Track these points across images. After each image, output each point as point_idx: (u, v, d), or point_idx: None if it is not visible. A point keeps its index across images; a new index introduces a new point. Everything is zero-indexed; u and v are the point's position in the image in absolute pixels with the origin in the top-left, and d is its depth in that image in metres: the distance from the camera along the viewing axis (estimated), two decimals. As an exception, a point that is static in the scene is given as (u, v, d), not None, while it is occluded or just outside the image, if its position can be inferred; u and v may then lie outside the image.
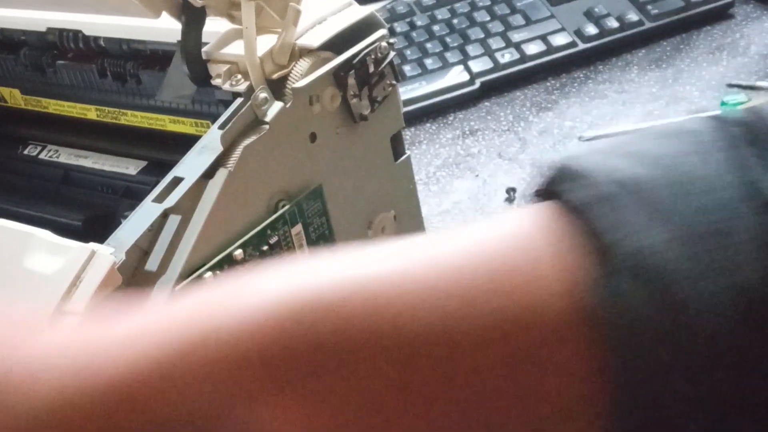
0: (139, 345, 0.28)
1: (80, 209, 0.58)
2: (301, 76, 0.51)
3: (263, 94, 0.49)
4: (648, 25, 0.99)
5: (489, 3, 1.04)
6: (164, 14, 0.51)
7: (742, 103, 0.84)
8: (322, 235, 0.52)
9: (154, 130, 0.59)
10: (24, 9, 0.62)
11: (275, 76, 0.50)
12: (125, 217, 0.47)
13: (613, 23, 0.99)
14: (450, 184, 0.86)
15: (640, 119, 0.89)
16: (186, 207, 0.46)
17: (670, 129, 0.30)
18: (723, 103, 0.85)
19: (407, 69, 0.98)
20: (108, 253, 0.42)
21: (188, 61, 0.52)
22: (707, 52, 0.97)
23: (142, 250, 0.45)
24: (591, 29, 0.99)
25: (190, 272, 0.45)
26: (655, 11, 1.00)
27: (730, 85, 0.91)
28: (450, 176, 0.87)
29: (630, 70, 0.97)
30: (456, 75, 0.97)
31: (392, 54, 0.54)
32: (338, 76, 0.52)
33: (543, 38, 0.99)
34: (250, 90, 0.49)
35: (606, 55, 0.99)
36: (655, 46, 0.99)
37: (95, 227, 0.56)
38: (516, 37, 1.00)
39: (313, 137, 0.52)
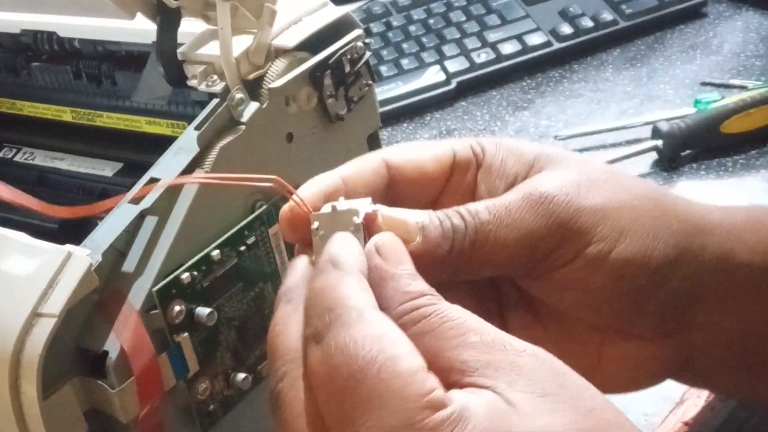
0: None
1: (56, 211, 0.58)
2: (277, 76, 0.51)
3: (239, 95, 0.49)
4: (622, 24, 1.00)
5: (465, 3, 1.04)
6: (139, 15, 0.51)
7: (715, 101, 0.85)
8: (299, 235, 0.52)
9: (130, 131, 0.59)
10: (-3, 11, 0.62)
11: (251, 76, 0.50)
12: (101, 218, 0.47)
13: (587, 23, 1.00)
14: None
15: (615, 118, 0.90)
16: (163, 208, 0.46)
17: None
18: (697, 102, 0.86)
19: (384, 69, 0.98)
20: (84, 255, 0.42)
21: (164, 62, 0.52)
22: (681, 51, 0.97)
23: (118, 251, 0.44)
24: (566, 29, 1.00)
25: (167, 273, 0.45)
26: (630, 11, 1.00)
27: (704, 84, 0.92)
28: (427, 176, 0.87)
29: (605, 69, 0.97)
30: (432, 75, 0.98)
31: (368, 54, 0.54)
32: (314, 76, 0.52)
33: (518, 38, 1.00)
34: (226, 90, 0.49)
35: (581, 55, 1.00)
36: (629, 45, 1.00)
37: (71, 229, 0.56)
38: (492, 36, 1.00)
39: (289, 137, 0.52)
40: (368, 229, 0.34)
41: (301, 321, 0.33)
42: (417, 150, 0.39)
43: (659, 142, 0.82)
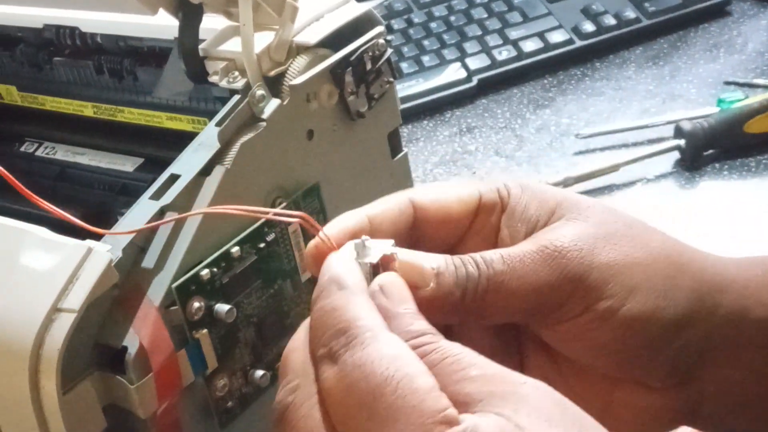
0: None
1: (77, 206, 0.58)
2: (299, 73, 0.51)
3: (260, 91, 0.49)
4: (645, 22, 1.00)
5: (486, 0, 1.04)
6: (161, 11, 0.51)
7: (739, 100, 0.84)
8: (319, 233, 0.52)
9: (150, 127, 0.59)
10: (21, 5, 0.62)
11: (272, 73, 0.50)
12: (122, 214, 0.47)
13: (610, 20, 0.99)
14: (447, 181, 0.85)
15: (637, 117, 0.89)
16: (183, 204, 0.46)
17: None
18: (720, 101, 0.86)
19: (404, 66, 0.98)
20: (104, 251, 0.42)
21: (185, 58, 0.52)
22: (704, 50, 0.97)
23: (138, 247, 0.44)
24: (588, 26, 0.99)
25: (187, 270, 0.45)
26: (653, 8, 1.00)
27: (727, 83, 0.91)
28: (447, 173, 0.87)
29: (627, 67, 0.97)
30: (453, 72, 0.97)
31: (389, 51, 0.54)
32: (335, 73, 0.52)
33: (540, 35, 0.99)
34: (247, 87, 0.49)
35: (603, 53, 0.99)
36: (652, 43, 0.99)
37: (92, 224, 0.56)
38: (513, 34, 1.00)
39: (310, 134, 0.52)
40: (385, 269, 0.36)
41: None
42: (443, 191, 0.40)
43: (681, 142, 0.81)
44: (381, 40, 0.54)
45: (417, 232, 0.39)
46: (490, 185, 0.40)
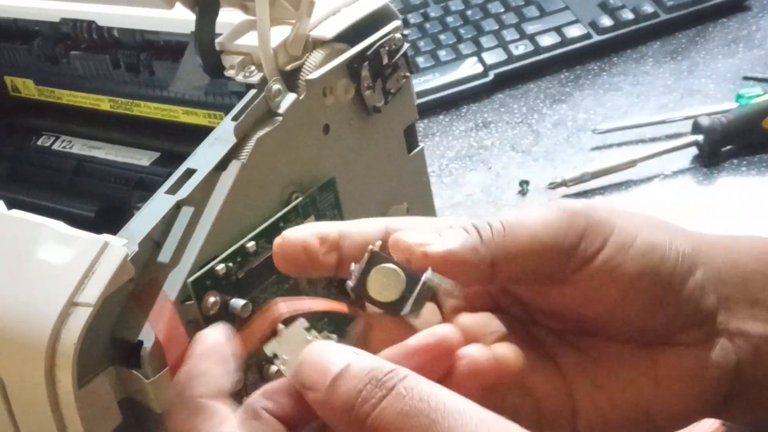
0: None
1: (93, 200, 0.58)
2: (315, 67, 0.50)
3: (277, 86, 0.49)
4: (663, 16, 0.99)
5: (503, -6, 1.04)
6: (178, 5, 0.51)
7: (758, 96, 0.83)
8: (334, 228, 0.52)
9: (167, 121, 0.59)
10: (37, -1, 0.62)
11: (289, 67, 0.50)
12: (138, 208, 0.47)
13: (628, 15, 0.99)
14: (463, 176, 0.85)
15: (655, 112, 0.89)
16: (199, 199, 0.46)
17: None
18: (739, 96, 0.85)
19: (421, 60, 0.98)
20: (120, 245, 0.42)
21: (202, 52, 0.52)
22: (723, 45, 0.96)
23: (154, 241, 0.44)
24: (606, 21, 0.99)
25: (203, 264, 0.45)
26: (671, 3, 0.99)
27: (746, 78, 0.90)
28: (463, 168, 0.86)
29: (645, 62, 0.96)
30: (469, 67, 0.97)
31: (406, 46, 0.54)
32: (352, 68, 0.52)
33: (557, 30, 0.99)
34: (264, 81, 0.49)
35: (621, 47, 0.98)
36: (670, 38, 0.99)
37: (108, 218, 0.56)
38: (530, 28, 0.99)
39: (326, 129, 0.51)
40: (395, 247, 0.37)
41: None
42: (422, 224, 0.40)
43: (699, 137, 0.81)
44: (398, 35, 0.53)
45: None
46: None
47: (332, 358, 0.32)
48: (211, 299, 0.45)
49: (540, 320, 0.41)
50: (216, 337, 0.35)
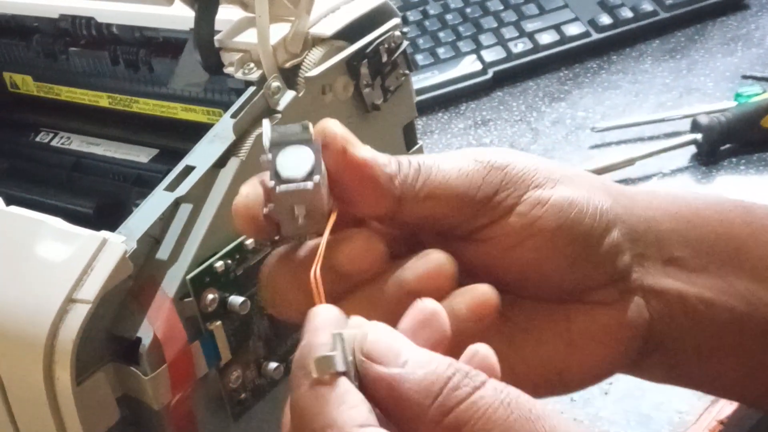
0: None
1: (92, 197, 0.58)
2: (314, 64, 0.50)
3: (276, 83, 0.49)
4: (662, 15, 0.99)
5: (502, -8, 1.04)
6: (177, 2, 0.51)
7: (757, 94, 0.83)
8: (333, 225, 0.52)
9: (165, 118, 0.59)
10: (36, -5, 0.62)
11: (288, 64, 0.50)
12: (136, 205, 0.47)
13: (627, 13, 0.99)
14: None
15: (653, 110, 0.89)
16: (197, 196, 0.46)
17: None
18: (737, 95, 0.85)
19: (420, 58, 0.98)
20: (119, 242, 0.42)
21: (201, 49, 0.52)
22: (722, 43, 0.96)
23: (153, 238, 0.44)
24: (605, 19, 0.99)
25: (201, 261, 0.45)
26: (670, 1, 0.99)
27: (745, 77, 0.90)
28: (462, 166, 0.86)
29: (644, 60, 0.96)
30: (468, 64, 0.97)
31: (405, 43, 0.54)
32: (351, 66, 0.51)
33: (556, 28, 0.99)
34: (263, 78, 0.49)
35: (620, 45, 0.99)
36: (669, 36, 0.99)
37: (106, 215, 0.56)
38: (529, 26, 0.99)
39: (325, 126, 0.51)
40: (325, 134, 0.36)
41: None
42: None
43: (698, 136, 0.81)
44: (397, 32, 0.53)
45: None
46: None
47: (403, 341, 0.31)
48: (210, 296, 0.45)
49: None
50: (330, 312, 0.32)
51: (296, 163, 0.35)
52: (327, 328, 0.31)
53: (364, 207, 0.36)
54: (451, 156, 0.37)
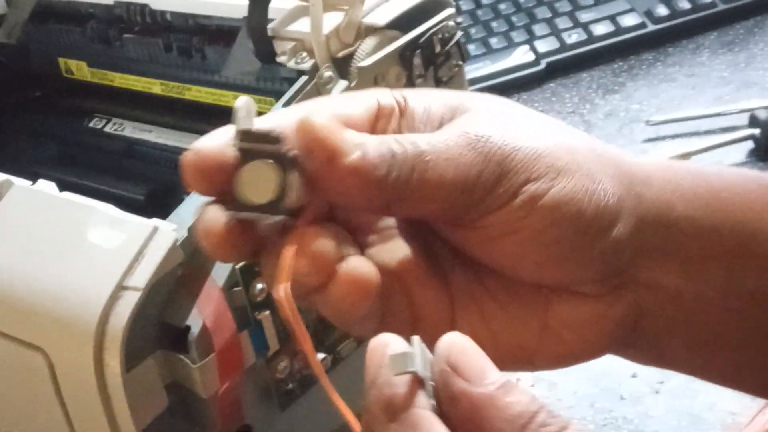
0: None
1: (143, 183, 0.58)
2: (367, 54, 0.50)
3: (328, 73, 0.49)
4: (721, 6, 0.97)
5: (557, -18, 1.02)
6: (231, -10, 0.51)
7: (817, 89, 0.81)
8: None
9: (217, 105, 0.59)
10: (92, -18, 0.62)
11: (340, 54, 0.50)
12: (187, 193, 0.47)
13: (684, 4, 0.97)
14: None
15: (710, 104, 0.87)
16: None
17: None
18: (798, 90, 0.83)
19: (472, 48, 0.97)
20: (170, 230, 0.42)
21: (254, 37, 0.52)
22: (782, 36, 0.94)
23: (203, 227, 0.44)
24: (662, 10, 0.97)
25: (251, 251, 0.45)
26: (729, -7, 0.97)
27: (806, 71, 0.88)
28: (512, 158, 0.85)
29: (701, 53, 0.94)
30: (521, 55, 0.96)
31: (459, 34, 0.53)
32: (404, 56, 0.51)
33: (611, 19, 0.97)
34: (315, 68, 0.49)
35: (676, 37, 0.97)
36: (727, 28, 0.97)
37: (157, 201, 0.56)
38: (584, 17, 0.98)
39: (376, 117, 0.51)
40: (304, 134, 0.32)
41: None
42: (341, 102, 0.36)
43: (756, 131, 0.79)
44: (451, 23, 0.53)
45: None
46: (384, 91, 0.37)
47: (487, 360, 0.30)
48: (259, 286, 0.45)
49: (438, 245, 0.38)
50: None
51: (263, 183, 0.31)
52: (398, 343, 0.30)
53: (351, 207, 0.35)
54: (447, 144, 0.34)
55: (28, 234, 0.45)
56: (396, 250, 0.37)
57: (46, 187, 0.47)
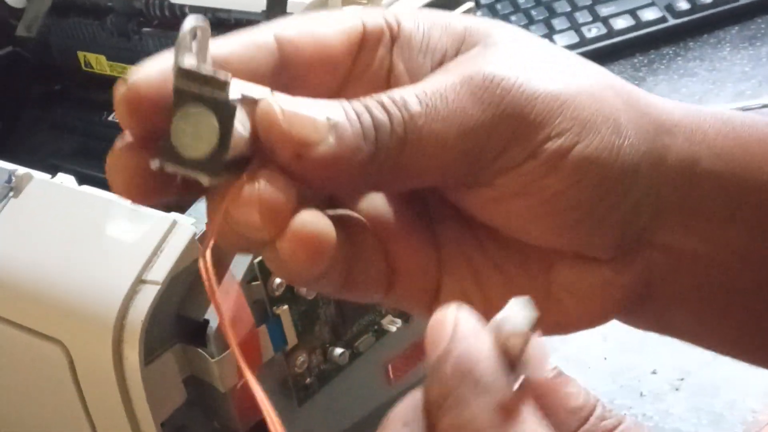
0: None
1: (162, 177, 0.58)
2: (386, 48, 0.50)
3: (347, 67, 0.48)
4: (743, 0, 0.96)
5: (577, -24, 1.02)
6: (250, -17, 0.51)
7: (841, 84, 0.81)
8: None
9: (236, 99, 0.59)
10: (111, -25, 0.62)
11: (360, 48, 0.49)
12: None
13: (706, -2, 0.96)
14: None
15: (731, 99, 0.86)
16: (267, 179, 0.45)
17: None
18: (820, 85, 0.82)
19: (491, 42, 0.96)
20: (189, 224, 0.42)
21: (273, 31, 0.51)
22: (805, 31, 0.93)
23: (222, 221, 0.44)
24: (683, 4, 0.96)
25: (270, 245, 0.44)
26: (751, -13, 0.96)
27: (829, 66, 0.87)
28: (531, 153, 0.85)
29: (722, 47, 0.94)
30: (541, 49, 0.95)
31: (479, 27, 0.53)
32: (423, 50, 0.51)
33: (632, 12, 0.96)
34: (334, 62, 0.49)
35: (697, 32, 0.96)
36: (749, 23, 0.96)
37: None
38: (604, 11, 0.97)
39: (396, 111, 0.51)
40: (262, 126, 0.26)
41: None
42: (317, 22, 0.30)
43: (778, 126, 0.78)
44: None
45: (284, 76, 0.29)
46: (373, 12, 0.31)
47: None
48: (277, 280, 0.45)
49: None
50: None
51: (200, 133, 0.26)
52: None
53: (334, 194, 0.30)
54: (446, 98, 0.28)
55: (47, 227, 0.45)
56: (369, 194, 0.31)
57: (65, 180, 0.47)
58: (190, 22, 0.26)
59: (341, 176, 0.27)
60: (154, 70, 0.27)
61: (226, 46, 0.28)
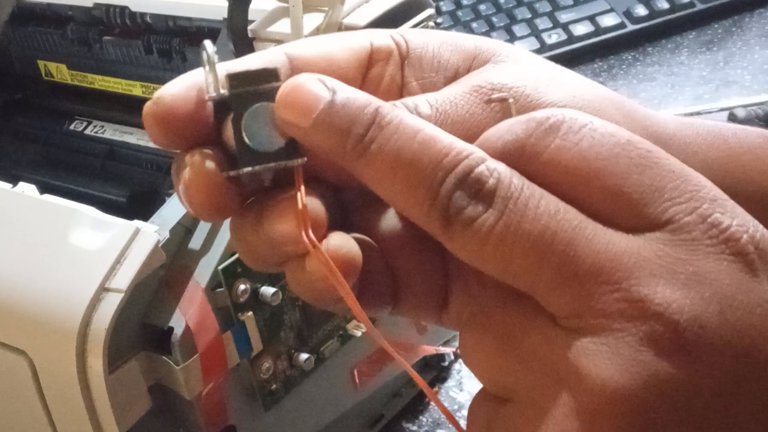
0: None
1: (125, 185, 0.58)
2: (348, 55, 0.50)
3: (309, 73, 0.49)
4: (699, 6, 0.98)
5: (537, -18, 1.03)
6: (211, -9, 0.51)
7: (795, 88, 0.82)
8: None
9: (198, 107, 0.59)
10: (71, -16, 0.62)
11: (321, 55, 0.50)
12: (169, 194, 0.47)
13: (663, 4, 0.97)
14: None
15: (690, 103, 0.87)
16: (230, 186, 0.45)
17: None
18: (775, 88, 0.84)
19: (452, 48, 0.97)
20: (152, 231, 0.42)
21: (234, 39, 0.52)
22: (760, 35, 0.95)
23: (185, 228, 0.44)
24: (641, 10, 0.97)
25: (233, 251, 0.45)
26: (707, -8, 0.98)
27: (784, 70, 0.89)
28: (494, 158, 0.86)
29: (680, 52, 0.95)
30: (502, 55, 0.96)
31: (440, 34, 0.53)
32: (385, 56, 0.51)
33: (591, 19, 0.98)
34: (296, 69, 0.49)
35: (655, 37, 0.97)
36: (706, 28, 0.97)
37: (139, 204, 0.56)
38: (563, 17, 0.98)
39: (358, 117, 0.51)
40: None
41: None
42: (328, 41, 0.32)
43: (735, 129, 0.80)
44: (431, 23, 0.53)
45: None
46: (381, 31, 0.33)
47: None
48: (242, 287, 0.45)
49: None
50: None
51: (268, 128, 0.27)
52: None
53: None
54: (461, 104, 0.30)
55: (9, 237, 0.45)
56: (371, 204, 0.32)
57: (26, 189, 0.47)
58: (210, 43, 0.28)
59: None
60: (178, 87, 0.29)
61: (240, 64, 0.30)
